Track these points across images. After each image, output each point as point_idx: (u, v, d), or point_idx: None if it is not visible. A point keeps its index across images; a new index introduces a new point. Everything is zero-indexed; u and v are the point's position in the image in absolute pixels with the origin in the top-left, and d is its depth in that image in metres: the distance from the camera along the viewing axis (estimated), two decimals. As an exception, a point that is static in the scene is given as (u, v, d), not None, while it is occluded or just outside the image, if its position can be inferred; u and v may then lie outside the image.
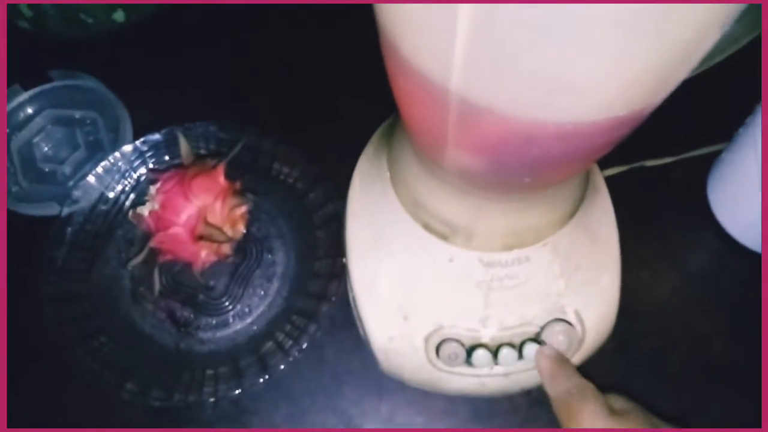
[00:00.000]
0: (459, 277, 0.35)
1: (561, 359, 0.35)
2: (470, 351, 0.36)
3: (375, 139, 0.41)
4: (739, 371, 0.43)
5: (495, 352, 0.35)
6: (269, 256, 0.46)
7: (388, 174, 0.37)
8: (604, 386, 0.42)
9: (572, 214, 0.35)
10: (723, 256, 0.46)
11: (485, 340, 0.36)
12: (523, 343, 0.35)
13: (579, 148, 0.23)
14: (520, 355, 0.36)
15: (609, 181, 0.41)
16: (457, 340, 0.36)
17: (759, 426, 0.34)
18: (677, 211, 0.47)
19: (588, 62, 0.18)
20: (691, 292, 0.46)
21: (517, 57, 0.18)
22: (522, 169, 0.25)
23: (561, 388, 0.33)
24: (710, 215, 0.46)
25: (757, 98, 0.40)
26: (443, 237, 0.34)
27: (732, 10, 0.18)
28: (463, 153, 0.25)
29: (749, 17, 0.28)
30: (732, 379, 0.42)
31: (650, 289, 0.45)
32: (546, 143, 0.22)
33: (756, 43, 0.33)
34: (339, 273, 0.42)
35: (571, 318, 0.36)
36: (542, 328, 0.36)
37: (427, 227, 0.35)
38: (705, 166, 0.47)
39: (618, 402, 0.34)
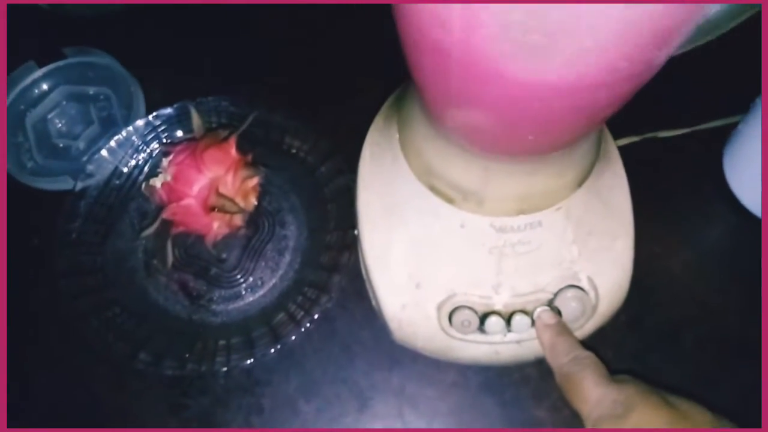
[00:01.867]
0: (471, 243, 0.35)
1: (561, 331, 0.35)
2: (483, 318, 0.35)
3: (384, 110, 0.41)
4: (754, 347, 0.42)
5: (508, 319, 0.35)
6: (281, 229, 0.46)
7: (398, 143, 0.37)
8: (617, 360, 0.42)
9: (584, 179, 0.34)
10: (739, 229, 0.46)
11: (498, 307, 0.36)
12: (536, 310, 0.35)
13: (579, 103, 0.23)
14: (534, 322, 0.35)
15: (621, 151, 0.40)
16: (470, 308, 0.35)
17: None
18: (692, 183, 0.47)
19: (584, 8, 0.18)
20: (706, 266, 0.45)
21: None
22: (525, 126, 0.25)
23: (562, 360, 0.33)
24: (726, 188, 0.46)
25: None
26: (454, 202, 0.34)
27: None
28: (468, 108, 0.25)
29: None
30: (747, 354, 0.42)
31: (664, 263, 0.45)
32: (547, 97, 0.22)
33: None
34: (350, 245, 0.42)
35: (585, 284, 0.35)
36: (555, 295, 0.35)
37: (437, 193, 0.35)
38: (721, 138, 0.47)
39: (619, 376, 0.34)
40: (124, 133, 0.47)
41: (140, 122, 0.47)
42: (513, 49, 0.20)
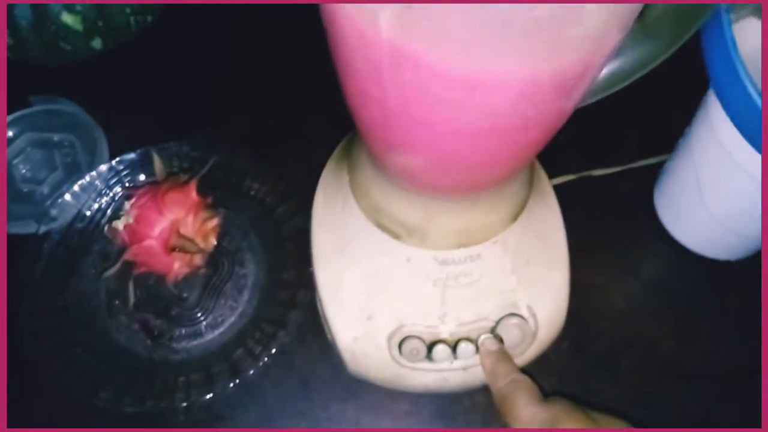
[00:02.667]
0: (417, 276, 0.37)
1: (502, 357, 0.37)
2: (431, 347, 0.38)
3: (336, 154, 0.44)
4: (687, 370, 0.45)
5: (454, 347, 0.38)
6: (240, 268, 0.47)
7: (348, 184, 0.40)
8: (561, 384, 0.44)
9: (518, 214, 0.37)
10: (671, 261, 0.49)
11: (444, 335, 0.38)
12: (480, 338, 0.38)
13: (499, 146, 0.26)
14: (478, 349, 0.38)
15: (558, 189, 0.44)
16: (418, 337, 0.38)
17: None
18: (626, 218, 0.50)
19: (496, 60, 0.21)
20: (642, 296, 0.48)
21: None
22: (454, 167, 0.28)
23: (500, 382, 0.36)
24: (657, 222, 0.49)
25: (695, 109, 0.43)
26: (400, 238, 0.37)
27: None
28: (404, 153, 0.28)
29: (665, 34, 0.31)
30: (681, 376, 0.45)
31: (602, 293, 0.48)
32: (469, 142, 0.25)
33: (695, 58, 0.36)
34: (307, 282, 0.44)
35: (524, 312, 0.38)
36: (497, 323, 0.38)
37: (385, 230, 0.37)
38: (652, 176, 0.51)
39: (550, 397, 0.36)
40: (87, 177, 0.48)
41: (103, 167, 0.49)
42: (437, 102, 0.23)
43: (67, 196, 0.48)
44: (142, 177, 0.50)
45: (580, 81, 0.23)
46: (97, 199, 0.49)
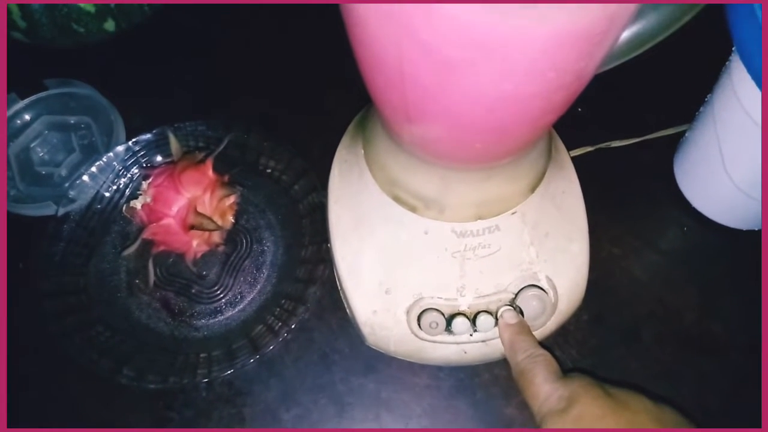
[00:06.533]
0: (435, 248, 0.37)
1: (521, 330, 0.37)
2: (450, 319, 0.38)
3: (351, 129, 0.43)
4: (710, 342, 0.44)
5: (473, 320, 0.37)
6: (258, 245, 0.48)
7: (363, 158, 0.39)
8: (581, 357, 0.44)
9: (536, 185, 0.37)
10: (691, 231, 0.48)
11: (463, 308, 0.38)
12: (499, 310, 0.37)
13: (518, 112, 0.25)
14: (497, 322, 0.38)
15: (577, 161, 0.43)
16: (437, 310, 0.38)
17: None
18: (646, 189, 0.50)
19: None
20: (663, 267, 0.48)
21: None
22: (472, 135, 0.28)
23: (519, 357, 0.36)
24: (678, 193, 0.49)
25: (715, 78, 0.42)
26: (417, 210, 0.37)
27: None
28: (420, 122, 0.27)
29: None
30: (703, 348, 0.44)
31: (623, 264, 0.47)
32: (488, 108, 0.24)
33: (713, 27, 0.36)
34: (324, 258, 0.44)
35: (544, 284, 0.38)
36: (516, 295, 0.38)
37: (401, 203, 0.37)
38: (671, 146, 0.50)
39: (570, 374, 0.36)
40: (104, 159, 0.48)
41: (120, 148, 0.49)
42: (455, 67, 0.23)
43: (85, 178, 0.48)
44: (158, 157, 0.50)
45: (603, 39, 0.22)
46: (115, 180, 0.49)
